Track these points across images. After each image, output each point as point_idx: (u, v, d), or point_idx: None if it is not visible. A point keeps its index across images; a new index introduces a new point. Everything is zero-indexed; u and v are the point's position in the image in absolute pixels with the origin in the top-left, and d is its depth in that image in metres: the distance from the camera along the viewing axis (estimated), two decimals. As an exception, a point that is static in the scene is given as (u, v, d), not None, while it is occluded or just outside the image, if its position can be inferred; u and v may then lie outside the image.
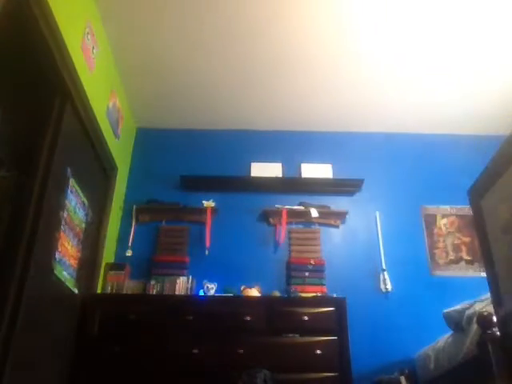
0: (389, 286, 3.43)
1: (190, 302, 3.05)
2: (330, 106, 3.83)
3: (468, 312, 2.28)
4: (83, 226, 2.84)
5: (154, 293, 3.19)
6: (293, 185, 3.88)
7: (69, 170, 2.57)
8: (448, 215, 3.77)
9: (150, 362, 2.66)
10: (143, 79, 3.57)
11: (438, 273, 3.51)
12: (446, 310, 2.51)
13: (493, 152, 1.51)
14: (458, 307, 2.41)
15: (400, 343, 3.19)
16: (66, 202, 2.54)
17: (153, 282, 3.24)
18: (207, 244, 3.52)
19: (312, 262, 3.46)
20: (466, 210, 3.58)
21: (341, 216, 3.74)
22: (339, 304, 2.87)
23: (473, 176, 1.76)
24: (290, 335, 2.78)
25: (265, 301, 3.03)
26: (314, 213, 3.63)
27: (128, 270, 3.35)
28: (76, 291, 2.73)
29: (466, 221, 3.70)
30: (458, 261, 3.58)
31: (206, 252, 3.51)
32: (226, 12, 2.95)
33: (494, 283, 1.52)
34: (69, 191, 2.58)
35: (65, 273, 2.55)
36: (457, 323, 2.33)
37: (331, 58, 3.32)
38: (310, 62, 3.36)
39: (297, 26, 3.05)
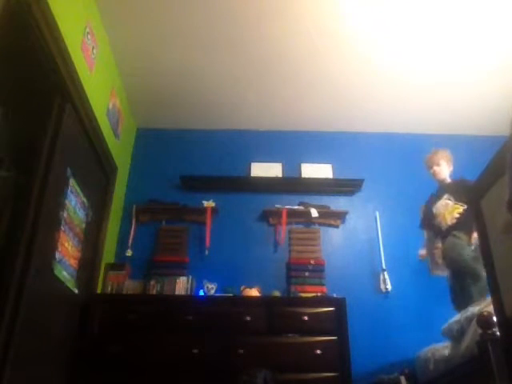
0: (389, 286, 3.43)
1: (190, 302, 3.05)
2: (330, 106, 3.83)
3: (466, 315, 2.30)
4: (83, 226, 2.84)
5: (154, 293, 3.19)
6: (293, 185, 3.88)
7: (69, 170, 2.57)
8: (448, 215, 3.76)
9: (149, 362, 2.65)
10: (143, 79, 3.57)
11: (438, 273, 3.51)
12: (443, 327, 2.53)
13: (493, 152, 1.51)
14: (454, 319, 2.44)
15: (400, 343, 3.19)
16: (66, 201, 2.54)
17: (153, 282, 3.23)
18: (207, 244, 3.52)
19: (312, 261, 3.46)
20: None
21: (341, 216, 3.74)
22: (339, 304, 2.87)
23: (473, 176, 1.77)
24: (290, 335, 2.78)
25: (265, 301, 3.03)
26: (314, 213, 3.63)
27: (128, 270, 3.35)
28: (76, 291, 2.73)
29: (466, 221, 3.70)
30: (457, 261, 3.58)
31: (206, 252, 3.51)
32: (226, 12, 2.95)
33: (493, 283, 1.52)
34: (69, 191, 2.58)
35: (65, 273, 2.55)
36: (458, 330, 2.33)
37: (331, 58, 3.32)
38: (310, 61, 3.35)
39: (296, 26, 3.05)
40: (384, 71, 3.45)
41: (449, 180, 3.12)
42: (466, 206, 2.87)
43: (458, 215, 2.90)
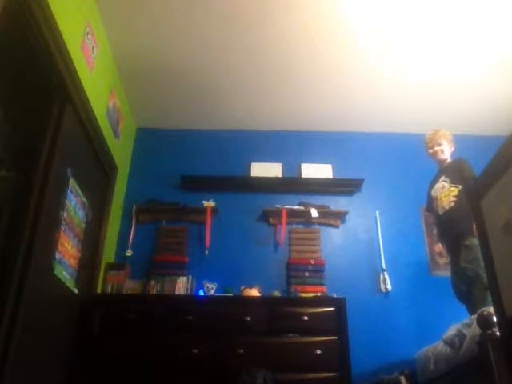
0: (389, 286, 3.43)
1: (190, 301, 3.06)
2: (330, 106, 3.83)
3: (465, 322, 2.32)
4: (83, 226, 2.84)
5: (154, 293, 3.19)
6: (293, 185, 3.88)
7: (69, 170, 2.57)
8: (448, 215, 3.76)
9: (149, 362, 2.66)
10: (143, 79, 3.57)
11: (438, 273, 3.51)
12: (444, 336, 2.50)
13: (493, 153, 1.51)
14: (452, 329, 2.41)
15: (400, 343, 3.19)
16: (66, 201, 2.54)
17: (153, 282, 3.24)
18: (207, 244, 3.51)
19: (312, 261, 3.46)
20: (466, 210, 3.57)
21: (341, 216, 3.74)
22: (339, 304, 2.87)
23: (473, 176, 1.77)
24: (290, 335, 2.78)
25: (265, 301, 3.04)
26: (314, 213, 3.63)
27: (128, 270, 3.35)
28: (76, 291, 2.73)
29: (466, 221, 3.69)
30: (457, 261, 3.57)
31: (206, 252, 3.51)
32: (227, 13, 2.95)
33: (493, 283, 1.52)
34: (69, 191, 2.58)
35: (65, 273, 2.55)
36: (459, 339, 2.32)
37: (331, 58, 3.32)
38: (309, 62, 3.36)
39: (295, 25, 3.05)
40: (384, 71, 3.45)
41: (449, 160, 3.00)
42: (460, 187, 2.75)
43: (454, 198, 2.78)
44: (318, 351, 2.70)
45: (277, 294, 3.19)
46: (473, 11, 2.93)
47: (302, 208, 3.70)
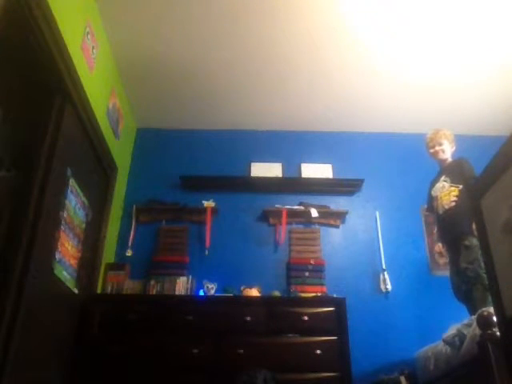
0: (389, 286, 3.43)
1: (190, 301, 3.06)
2: (330, 106, 3.83)
3: (465, 322, 2.31)
4: (83, 226, 2.84)
5: (154, 293, 3.19)
6: (293, 185, 3.88)
7: (69, 170, 2.57)
8: (448, 215, 3.76)
9: (149, 362, 2.65)
10: (143, 79, 3.57)
11: (438, 273, 3.51)
12: (444, 336, 2.49)
13: (493, 152, 1.51)
14: (452, 329, 2.41)
15: (400, 343, 3.19)
16: (66, 202, 2.54)
17: (153, 282, 3.24)
18: (207, 244, 3.51)
19: (312, 261, 3.46)
20: (466, 210, 3.57)
21: (341, 216, 3.74)
22: (339, 304, 2.87)
23: (473, 176, 1.77)
24: (290, 335, 2.78)
25: (265, 301, 3.04)
26: (314, 213, 3.63)
27: (128, 270, 3.35)
28: (76, 291, 2.73)
29: (465, 221, 3.69)
30: (457, 261, 3.57)
31: (206, 252, 3.51)
32: (227, 13, 2.95)
33: (494, 283, 1.52)
34: (69, 191, 2.58)
35: (65, 273, 2.55)
36: (459, 339, 2.32)
37: (331, 58, 3.32)
38: (310, 62, 3.36)
39: (295, 25, 3.05)
40: (384, 71, 3.45)
41: (450, 160, 2.99)
42: (461, 187, 2.74)
43: (454, 198, 2.78)
44: (318, 351, 2.70)
45: (277, 293, 3.19)
46: (473, 11, 2.93)
47: (302, 208, 3.70)
